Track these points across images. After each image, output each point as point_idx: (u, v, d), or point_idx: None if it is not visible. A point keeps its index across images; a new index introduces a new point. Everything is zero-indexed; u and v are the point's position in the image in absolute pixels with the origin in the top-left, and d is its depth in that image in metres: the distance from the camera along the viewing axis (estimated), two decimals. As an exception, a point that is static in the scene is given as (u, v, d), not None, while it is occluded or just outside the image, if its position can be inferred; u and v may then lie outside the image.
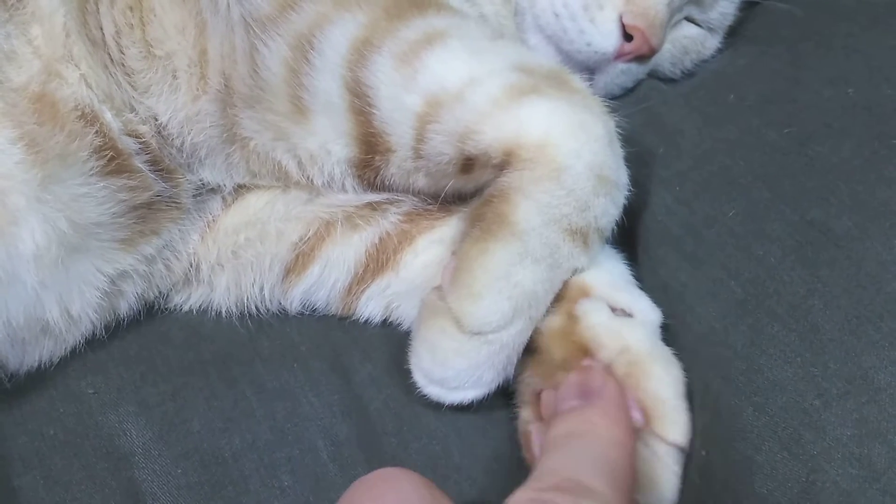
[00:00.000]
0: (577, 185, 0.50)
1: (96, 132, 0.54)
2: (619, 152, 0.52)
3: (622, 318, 0.51)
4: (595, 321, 0.51)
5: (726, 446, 0.45)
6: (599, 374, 0.46)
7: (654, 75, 0.69)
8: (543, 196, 0.49)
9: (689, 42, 0.70)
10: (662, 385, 0.48)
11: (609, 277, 0.53)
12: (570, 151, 0.50)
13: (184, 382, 0.57)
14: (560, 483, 0.40)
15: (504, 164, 0.51)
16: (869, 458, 0.42)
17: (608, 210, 0.51)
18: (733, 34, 0.72)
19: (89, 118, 0.54)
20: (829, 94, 0.58)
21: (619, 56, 0.64)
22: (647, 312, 0.52)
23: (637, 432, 0.46)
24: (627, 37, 0.64)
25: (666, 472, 0.47)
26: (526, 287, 0.49)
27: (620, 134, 0.53)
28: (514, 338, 0.50)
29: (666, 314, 0.52)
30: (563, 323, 0.51)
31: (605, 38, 0.64)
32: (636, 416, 0.46)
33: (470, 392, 0.51)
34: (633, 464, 0.43)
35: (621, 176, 0.52)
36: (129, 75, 0.56)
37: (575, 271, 0.52)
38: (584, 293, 0.52)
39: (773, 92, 0.61)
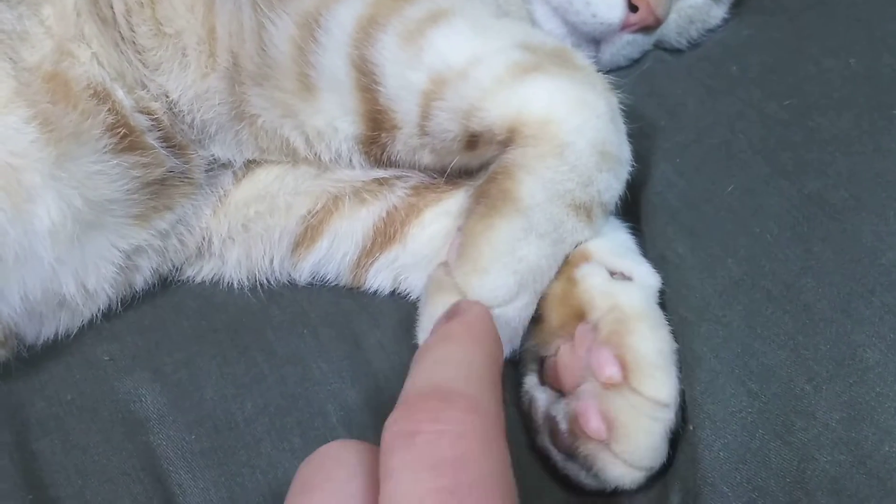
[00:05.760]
0: (580, 161, 0.50)
1: (109, 110, 0.54)
2: (622, 128, 0.53)
3: (620, 282, 0.51)
4: (591, 283, 0.51)
5: (720, 427, 0.45)
6: (466, 301, 0.46)
7: (660, 46, 0.69)
8: (547, 172, 0.50)
9: (694, 12, 0.70)
10: (645, 342, 0.47)
11: (610, 244, 0.53)
12: (572, 128, 0.50)
13: (197, 350, 0.58)
14: (420, 397, 0.37)
15: (508, 140, 0.51)
16: (857, 442, 0.42)
17: (611, 185, 0.52)
18: (739, 4, 0.72)
19: (102, 96, 0.55)
20: (831, 64, 0.59)
21: (624, 27, 0.65)
22: (646, 277, 0.52)
23: (615, 386, 0.46)
24: (633, 7, 0.64)
25: (641, 423, 0.46)
26: (531, 261, 0.50)
27: (623, 109, 0.53)
28: (519, 311, 0.50)
29: (664, 285, 0.52)
30: (562, 288, 0.52)
31: (611, 9, 0.64)
32: (613, 370, 0.46)
33: None
34: (499, 369, 0.41)
35: (624, 151, 0.53)
36: (139, 53, 0.56)
37: (578, 245, 0.52)
38: (585, 258, 0.52)
39: (776, 63, 0.61)
